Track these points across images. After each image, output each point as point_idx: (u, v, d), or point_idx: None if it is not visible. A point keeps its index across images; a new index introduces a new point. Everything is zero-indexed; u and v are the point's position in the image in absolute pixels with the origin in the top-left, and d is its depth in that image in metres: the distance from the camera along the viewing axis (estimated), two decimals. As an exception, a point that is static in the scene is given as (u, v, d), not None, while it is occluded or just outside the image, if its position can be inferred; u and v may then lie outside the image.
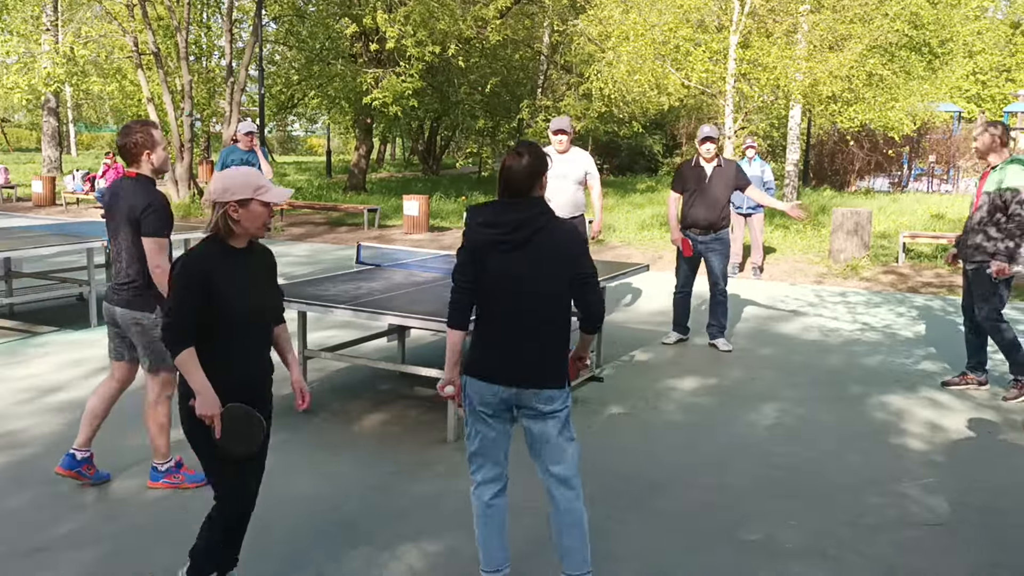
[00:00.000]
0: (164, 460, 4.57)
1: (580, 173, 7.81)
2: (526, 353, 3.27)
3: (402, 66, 20.26)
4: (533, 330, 3.28)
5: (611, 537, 4.11)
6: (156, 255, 4.22)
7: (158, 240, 4.23)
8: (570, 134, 7.78)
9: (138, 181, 4.32)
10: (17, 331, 8.08)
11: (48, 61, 20.15)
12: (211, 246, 3.12)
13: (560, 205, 7.86)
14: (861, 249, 12.82)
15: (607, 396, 6.37)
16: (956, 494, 4.70)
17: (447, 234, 16.51)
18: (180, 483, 4.55)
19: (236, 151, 9.91)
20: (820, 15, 13.09)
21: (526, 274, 3.26)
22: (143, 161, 4.33)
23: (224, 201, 3.08)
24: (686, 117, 30.96)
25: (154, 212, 4.22)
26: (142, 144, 4.30)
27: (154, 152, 4.33)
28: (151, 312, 4.33)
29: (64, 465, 4.51)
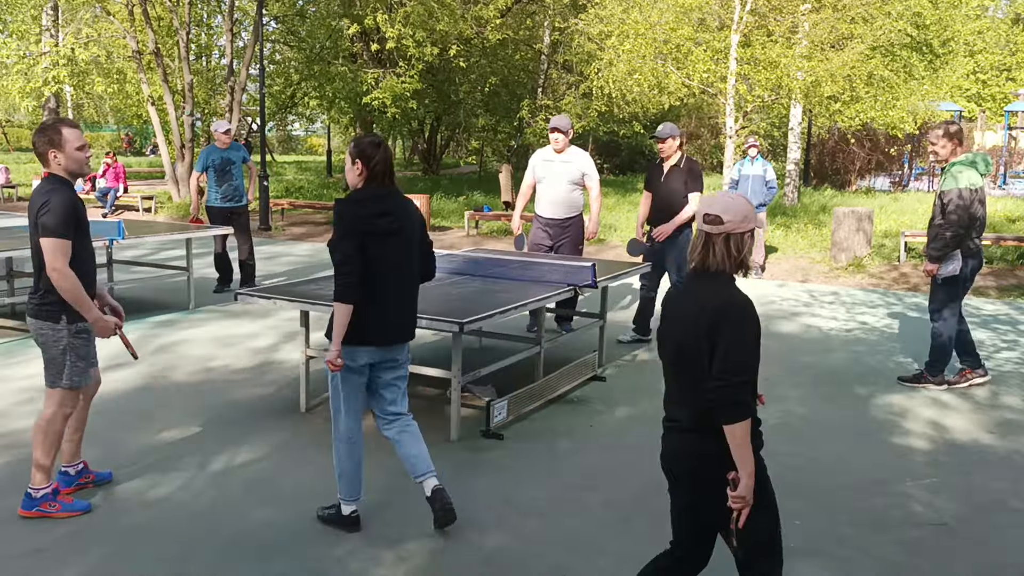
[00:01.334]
0: (43, 486, 4.18)
1: (577, 174, 7.75)
2: (405, 317, 4.02)
3: (402, 66, 20.25)
4: (411, 298, 4.04)
5: (614, 536, 4.10)
6: (52, 256, 3.92)
7: (53, 241, 3.91)
8: (567, 133, 7.69)
9: (45, 180, 4.07)
10: (19, 331, 8.07)
11: (49, 62, 20.14)
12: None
13: (555, 205, 7.82)
14: (863, 248, 12.81)
15: (609, 395, 6.36)
16: (960, 493, 4.69)
17: (449, 233, 16.50)
18: (56, 512, 4.17)
19: (215, 150, 9.91)
20: (821, 14, 13.08)
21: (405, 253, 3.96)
22: (51, 160, 4.05)
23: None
24: (687, 116, 30.94)
25: (50, 211, 3.92)
26: (48, 144, 4.03)
27: (62, 151, 4.03)
28: (55, 322, 4.06)
29: (62, 481, 4.36)
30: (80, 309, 4.01)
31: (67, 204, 3.98)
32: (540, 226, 7.94)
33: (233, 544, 3.95)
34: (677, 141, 7.67)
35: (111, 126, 50.21)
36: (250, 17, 24.05)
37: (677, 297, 2.83)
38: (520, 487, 4.67)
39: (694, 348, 2.67)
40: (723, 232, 2.70)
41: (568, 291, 6.10)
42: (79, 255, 4.05)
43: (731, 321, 2.62)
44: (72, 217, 3.99)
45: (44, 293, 4.05)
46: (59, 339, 4.08)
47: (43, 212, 3.94)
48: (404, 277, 3.99)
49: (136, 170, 31.03)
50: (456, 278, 6.51)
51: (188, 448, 5.13)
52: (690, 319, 2.69)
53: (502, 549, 3.95)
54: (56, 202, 3.95)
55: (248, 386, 6.40)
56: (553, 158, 7.79)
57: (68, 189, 4.07)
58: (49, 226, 3.92)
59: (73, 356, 4.11)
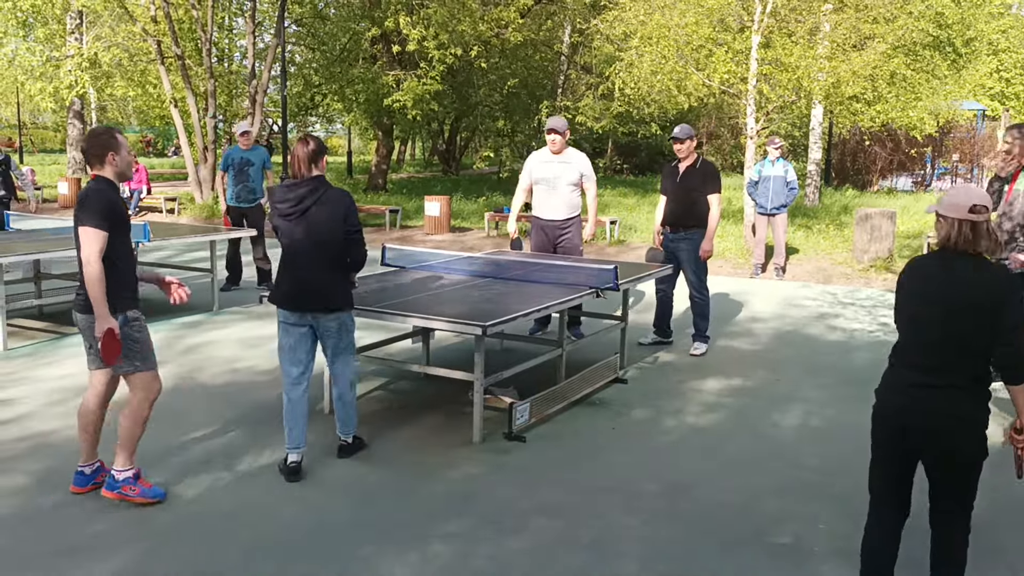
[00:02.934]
0: (125, 468, 4.38)
1: (575, 175, 7.71)
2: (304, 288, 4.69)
3: (423, 68, 20.32)
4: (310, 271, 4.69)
5: (637, 539, 4.12)
6: (85, 245, 4.12)
7: (89, 230, 4.11)
8: (563, 134, 7.65)
9: (93, 181, 4.30)
10: (47, 332, 8.19)
11: (72, 66, 20.36)
12: None
13: (553, 207, 7.81)
14: (885, 249, 12.74)
15: (631, 398, 6.37)
16: (984, 495, 4.66)
17: (469, 235, 16.55)
18: (134, 496, 4.36)
19: (237, 151, 10.18)
20: (843, 14, 13.01)
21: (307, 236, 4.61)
22: (107, 162, 4.28)
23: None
24: (707, 117, 30.85)
25: (89, 204, 4.14)
26: (106, 147, 4.26)
27: (118, 155, 4.28)
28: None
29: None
30: (94, 304, 4.14)
31: (108, 200, 4.20)
32: (539, 228, 7.93)
33: (259, 544, 4.00)
34: (694, 142, 7.66)
35: (134, 128, 50.65)
36: (271, 19, 24.20)
37: (944, 277, 3.24)
38: (542, 489, 4.70)
39: (977, 321, 3.13)
40: (986, 219, 3.16)
41: (590, 293, 6.12)
42: (118, 251, 4.23)
43: (1011, 295, 3.14)
44: (110, 212, 4.19)
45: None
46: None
47: (83, 206, 4.17)
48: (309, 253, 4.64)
49: (159, 171, 31.31)
50: (478, 280, 6.54)
51: (214, 449, 5.19)
52: (975, 296, 3.14)
53: (525, 551, 3.98)
54: (96, 198, 4.18)
55: (273, 387, 6.46)
56: (551, 159, 7.75)
57: (113, 190, 4.30)
58: (85, 217, 4.13)
59: (131, 344, 4.28)
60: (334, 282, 4.75)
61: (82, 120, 29.91)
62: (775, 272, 12.12)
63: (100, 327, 4.14)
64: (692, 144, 7.60)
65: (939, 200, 3.26)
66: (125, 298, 4.29)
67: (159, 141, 50.31)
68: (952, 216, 3.18)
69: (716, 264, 12.55)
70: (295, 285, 4.70)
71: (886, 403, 3.42)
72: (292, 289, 4.71)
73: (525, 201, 8.10)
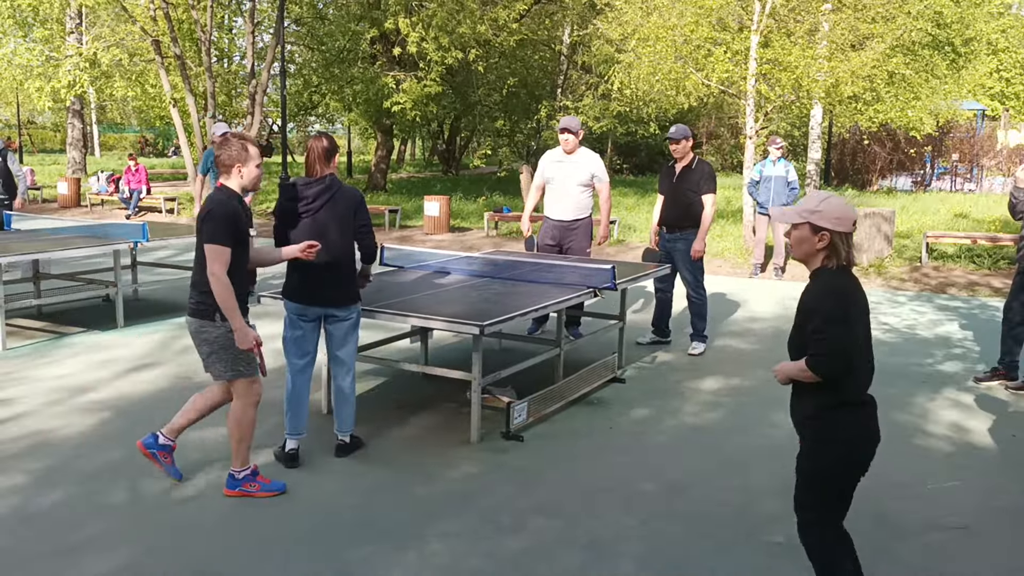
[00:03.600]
0: (243, 467, 4.52)
1: (586, 175, 7.71)
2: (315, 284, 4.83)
3: (422, 69, 20.32)
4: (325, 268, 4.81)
5: (635, 539, 4.13)
6: (211, 262, 4.21)
7: (212, 247, 4.21)
8: (577, 134, 7.65)
9: (218, 190, 4.39)
10: (45, 332, 8.20)
11: (71, 65, 20.36)
12: None
13: (564, 207, 7.80)
14: (884, 249, 12.75)
15: (629, 397, 6.38)
16: (982, 497, 4.68)
17: (468, 234, 16.56)
18: (255, 492, 4.50)
19: (213, 153, 10.03)
20: (842, 14, 13.02)
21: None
22: (234, 173, 4.37)
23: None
24: (706, 117, 30.85)
25: (211, 219, 4.23)
26: (237, 157, 4.36)
27: (246, 166, 4.37)
28: (211, 320, 4.30)
29: (145, 443, 4.59)
30: (227, 314, 4.24)
31: (232, 215, 4.27)
32: (548, 227, 7.95)
33: (259, 544, 4.01)
34: (690, 142, 7.66)
35: (134, 127, 50.65)
36: (271, 19, 24.20)
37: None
38: (540, 489, 4.70)
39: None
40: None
41: (588, 293, 6.13)
42: (234, 262, 4.29)
43: None
44: (234, 228, 4.27)
45: (202, 293, 4.30)
46: (216, 336, 4.32)
47: (208, 220, 4.24)
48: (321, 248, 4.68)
49: (159, 171, 31.31)
50: (476, 280, 6.55)
51: (214, 448, 5.20)
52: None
53: (522, 550, 3.99)
54: (221, 212, 4.24)
55: (271, 387, 6.45)
56: (563, 159, 7.76)
57: (237, 202, 4.35)
58: (210, 233, 4.22)
59: (231, 351, 4.34)
60: (346, 277, 4.89)
61: (81, 120, 29.93)
62: (774, 272, 12.13)
63: (241, 341, 4.27)
64: (688, 144, 7.59)
65: (807, 208, 3.10)
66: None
67: (159, 141, 50.30)
68: (842, 231, 3.07)
69: (715, 264, 12.56)
70: (307, 280, 4.82)
71: (868, 452, 3.17)
72: (304, 284, 4.84)
73: (538, 201, 8.11)
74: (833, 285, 3.06)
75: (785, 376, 3.15)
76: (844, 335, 2.97)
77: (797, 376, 3.10)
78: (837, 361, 2.98)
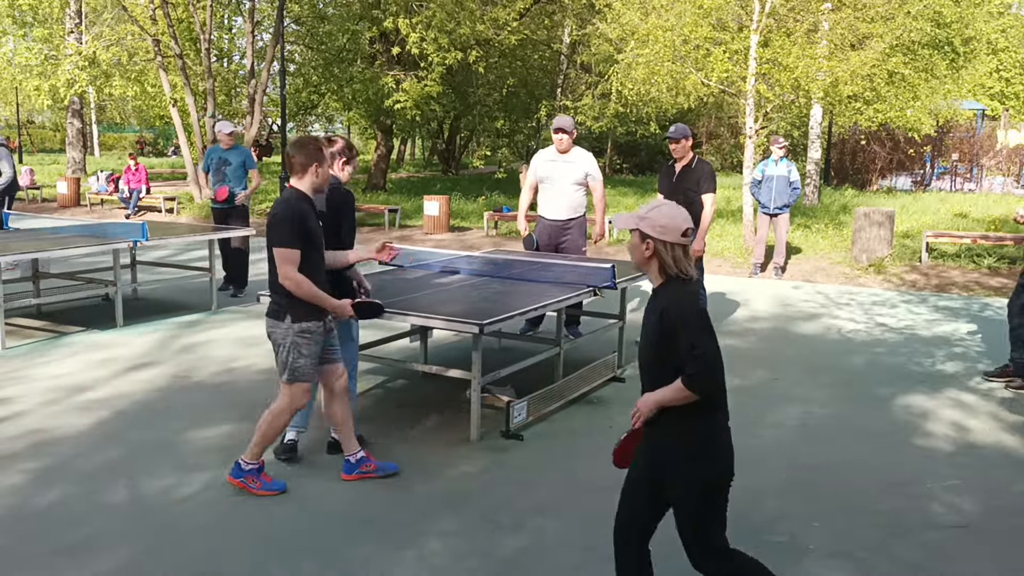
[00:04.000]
0: (252, 461, 4.54)
1: (580, 174, 7.68)
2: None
3: (423, 68, 20.31)
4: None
5: (635, 538, 4.12)
6: (280, 265, 4.25)
7: (280, 251, 4.25)
8: (571, 133, 7.63)
9: (289, 191, 4.42)
10: (45, 331, 8.19)
11: (71, 64, 20.36)
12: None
13: (559, 207, 7.78)
14: (884, 249, 12.74)
15: (629, 396, 6.37)
16: (982, 495, 4.67)
17: (468, 234, 16.55)
18: (256, 488, 4.49)
19: (217, 150, 10.05)
20: (841, 14, 13.02)
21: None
22: (308, 174, 4.41)
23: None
24: (706, 116, 30.85)
25: (280, 220, 4.27)
26: (312, 158, 4.40)
27: (321, 168, 4.41)
28: (281, 321, 4.35)
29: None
30: (318, 301, 4.34)
31: (300, 216, 4.28)
32: (543, 227, 7.93)
33: (258, 544, 4.01)
34: (690, 142, 7.65)
35: (134, 127, 50.63)
36: (270, 18, 24.20)
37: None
38: (540, 488, 4.70)
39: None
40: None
41: (588, 292, 6.12)
42: (307, 263, 4.31)
43: None
44: (303, 229, 4.29)
45: (275, 294, 4.41)
46: (285, 337, 4.36)
47: (276, 223, 4.29)
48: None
49: (158, 171, 31.30)
50: (476, 279, 6.55)
51: (212, 448, 5.19)
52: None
53: (522, 549, 3.99)
54: (290, 215, 4.27)
55: (270, 387, 6.45)
56: (556, 158, 7.73)
57: (307, 204, 4.38)
58: (276, 237, 4.27)
59: (295, 353, 4.38)
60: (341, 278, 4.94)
61: (81, 119, 29.90)
62: (774, 272, 12.12)
63: (340, 313, 4.45)
64: (687, 143, 7.58)
65: (638, 214, 2.99)
66: (304, 310, 4.35)
67: (159, 141, 50.28)
68: (666, 240, 2.92)
69: (715, 264, 12.55)
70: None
71: (730, 462, 3.02)
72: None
73: (531, 200, 8.09)
74: (689, 294, 2.90)
75: (654, 407, 2.94)
76: (715, 346, 2.84)
77: (672, 402, 2.89)
78: (717, 375, 2.84)
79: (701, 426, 2.94)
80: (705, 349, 2.81)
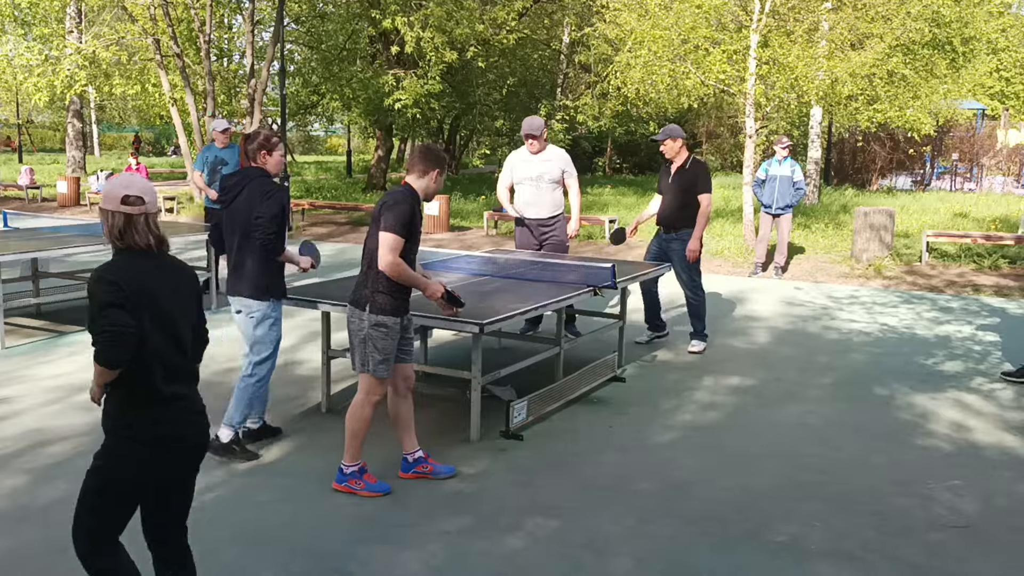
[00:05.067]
0: (351, 463, 4.56)
1: (556, 172, 7.65)
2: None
3: (422, 67, 20.31)
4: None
5: (635, 538, 4.12)
6: (384, 249, 4.29)
7: (389, 235, 4.28)
8: (540, 137, 7.57)
9: (402, 187, 4.47)
10: (45, 331, 8.18)
11: (71, 64, 20.35)
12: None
13: (539, 206, 7.75)
14: (884, 248, 12.74)
15: (629, 396, 6.37)
16: (983, 496, 4.67)
17: (469, 233, 16.55)
18: (359, 490, 4.53)
19: (212, 148, 10.03)
20: (842, 13, 13.01)
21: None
22: (426, 178, 4.49)
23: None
24: (706, 116, 30.84)
25: (392, 208, 4.32)
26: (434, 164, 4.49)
27: (441, 175, 4.54)
28: (361, 310, 4.40)
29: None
30: (414, 284, 4.44)
31: (411, 211, 4.37)
32: (524, 227, 7.90)
33: (256, 543, 4.00)
34: (678, 143, 7.60)
35: (134, 126, 50.62)
36: (270, 18, 24.18)
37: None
38: (539, 488, 4.69)
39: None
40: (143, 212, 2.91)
41: (588, 292, 6.12)
42: (406, 258, 4.38)
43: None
44: (410, 223, 4.36)
45: (360, 284, 4.47)
46: (361, 327, 4.41)
47: (388, 209, 4.34)
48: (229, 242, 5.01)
49: (158, 171, 31.29)
50: (476, 279, 6.54)
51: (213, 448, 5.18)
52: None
53: (521, 549, 3.98)
54: (401, 208, 4.33)
55: (271, 386, 6.45)
56: (531, 158, 7.66)
57: (416, 202, 4.45)
58: (388, 222, 4.30)
59: (371, 346, 4.41)
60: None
61: (81, 119, 29.88)
62: (775, 271, 12.11)
63: (431, 293, 4.52)
64: (675, 144, 7.54)
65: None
66: (384, 302, 4.39)
67: (160, 141, 50.24)
68: (109, 208, 2.87)
69: (715, 263, 12.54)
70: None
71: (168, 458, 2.90)
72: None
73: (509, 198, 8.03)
74: (99, 270, 2.83)
75: (95, 388, 2.87)
76: (122, 319, 2.72)
77: (97, 379, 2.82)
78: (116, 348, 2.72)
79: (120, 412, 2.86)
80: (107, 319, 2.72)
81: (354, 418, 4.51)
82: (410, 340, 4.70)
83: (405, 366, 4.66)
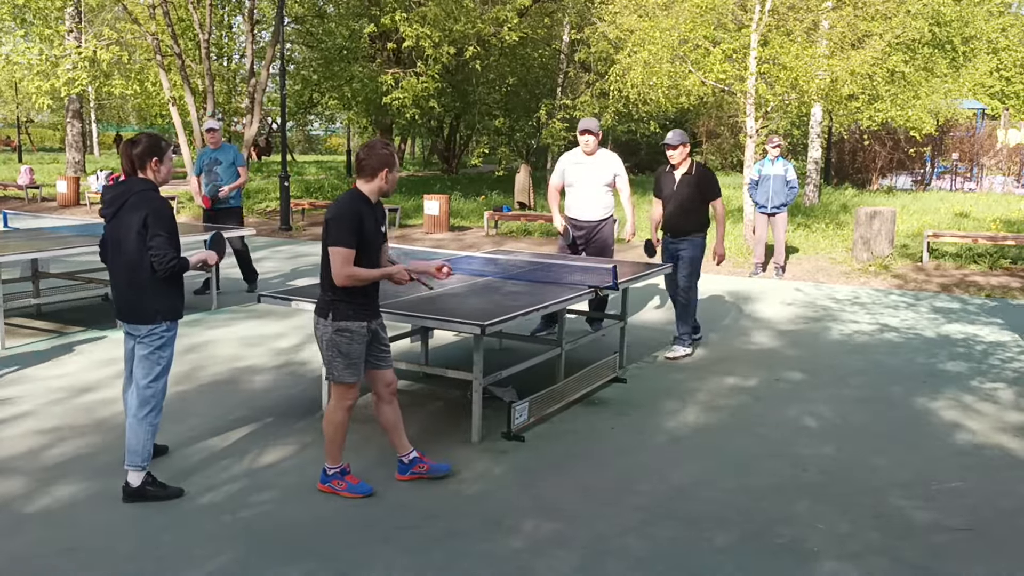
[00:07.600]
0: (333, 465, 4.57)
1: (608, 175, 7.79)
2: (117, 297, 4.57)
3: (420, 66, 20.30)
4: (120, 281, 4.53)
5: (636, 539, 4.11)
6: (334, 264, 4.25)
7: (337, 249, 4.24)
8: (597, 135, 7.74)
9: (350, 191, 4.42)
10: (45, 331, 8.18)
11: (70, 64, 20.33)
12: None
13: (589, 208, 7.84)
14: (884, 248, 12.73)
15: (630, 397, 6.36)
16: (985, 497, 4.66)
17: (468, 233, 16.54)
18: (341, 490, 4.54)
19: (207, 151, 10.01)
20: (842, 12, 13.01)
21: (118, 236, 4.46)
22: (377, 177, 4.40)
23: None
24: (706, 115, 30.83)
25: (338, 219, 4.26)
26: (383, 164, 4.39)
27: (391, 174, 4.41)
28: (324, 319, 4.36)
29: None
30: (373, 278, 4.35)
31: (359, 218, 4.28)
32: (573, 228, 7.96)
33: (259, 544, 3.99)
34: (688, 148, 7.61)
35: (133, 126, 50.57)
36: (270, 17, 24.17)
37: None
38: (541, 489, 4.69)
39: None
40: None
41: (589, 293, 6.11)
42: (366, 258, 4.35)
43: None
44: (359, 230, 4.27)
45: (323, 291, 4.41)
46: (324, 334, 4.38)
47: (334, 222, 4.27)
48: (114, 260, 4.55)
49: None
50: (476, 280, 6.54)
51: (213, 448, 5.18)
52: None
53: (523, 551, 3.97)
54: (349, 216, 4.26)
55: (273, 386, 6.46)
56: (583, 160, 7.80)
57: (366, 204, 4.36)
58: (333, 235, 4.25)
59: (334, 351, 4.38)
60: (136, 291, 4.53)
61: (80, 119, 29.85)
62: (775, 272, 12.11)
63: (398, 280, 4.44)
64: (685, 150, 7.50)
65: None
66: (345, 309, 4.34)
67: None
68: None
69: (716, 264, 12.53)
70: (115, 293, 4.77)
71: None
72: (115, 297, 4.71)
73: (559, 201, 8.07)
74: None
75: None
76: None
77: None
78: None
79: None
80: None
81: (329, 423, 4.51)
82: (386, 347, 4.60)
83: (385, 372, 4.59)
